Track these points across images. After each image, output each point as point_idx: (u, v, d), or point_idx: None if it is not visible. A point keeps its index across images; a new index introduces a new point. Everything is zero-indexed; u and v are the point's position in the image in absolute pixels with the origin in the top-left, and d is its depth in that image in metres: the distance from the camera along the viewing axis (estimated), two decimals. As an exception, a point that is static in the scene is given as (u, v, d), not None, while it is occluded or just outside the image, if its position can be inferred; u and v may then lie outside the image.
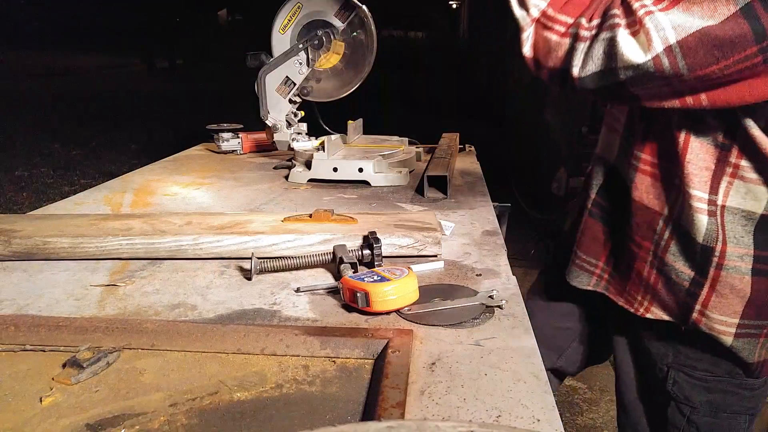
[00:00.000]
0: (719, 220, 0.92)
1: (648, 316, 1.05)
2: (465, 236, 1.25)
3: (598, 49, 0.85)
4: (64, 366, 0.75)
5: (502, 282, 1.02)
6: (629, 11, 0.83)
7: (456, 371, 0.75)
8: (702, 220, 0.93)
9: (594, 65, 0.86)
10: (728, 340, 0.97)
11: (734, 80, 0.80)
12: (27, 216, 1.31)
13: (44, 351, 0.80)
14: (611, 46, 0.83)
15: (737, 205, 0.92)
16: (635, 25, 0.81)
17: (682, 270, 0.98)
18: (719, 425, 1.06)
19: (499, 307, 0.92)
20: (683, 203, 0.95)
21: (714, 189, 0.92)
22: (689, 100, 0.85)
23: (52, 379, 0.74)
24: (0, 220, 1.21)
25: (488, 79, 11.33)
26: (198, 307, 0.94)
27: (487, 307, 0.92)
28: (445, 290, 0.99)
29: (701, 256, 0.95)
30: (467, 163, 1.98)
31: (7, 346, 0.81)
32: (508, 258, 1.15)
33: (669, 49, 0.79)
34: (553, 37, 0.90)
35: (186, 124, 7.96)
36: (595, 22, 0.86)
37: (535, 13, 0.92)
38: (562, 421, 0.67)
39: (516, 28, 0.95)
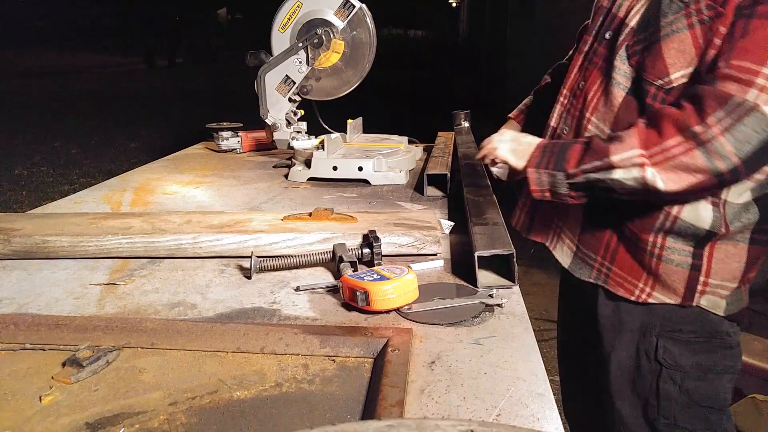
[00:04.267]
0: (722, 211, 1.04)
1: (650, 300, 1.11)
2: (465, 234, 1.25)
3: (747, 128, 0.89)
4: (63, 365, 0.76)
5: (501, 281, 1.02)
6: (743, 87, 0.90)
7: (456, 370, 0.75)
8: (708, 210, 1.04)
9: (750, 144, 0.90)
10: (722, 304, 1.09)
11: None
12: (27, 215, 1.31)
13: (44, 350, 0.80)
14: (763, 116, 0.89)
15: (734, 200, 1.04)
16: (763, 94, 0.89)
17: (683, 248, 1.07)
18: (707, 387, 1.13)
19: (499, 305, 0.92)
20: (684, 201, 1.04)
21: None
22: None
23: (52, 377, 0.74)
24: (0, 219, 1.21)
25: (488, 78, 11.33)
26: (198, 305, 0.94)
27: (486, 305, 0.92)
28: (445, 289, 0.99)
29: (705, 238, 1.05)
30: (467, 161, 1.98)
31: (6, 344, 0.81)
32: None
33: None
34: (682, 158, 0.94)
35: (186, 123, 7.96)
36: (714, 117, 0.91)
37: (638, 159, 0.97)
38: (562, 420, 0.67)
39: (630, 187, 0.99)
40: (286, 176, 1.76)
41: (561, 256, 1.23)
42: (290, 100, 1.90)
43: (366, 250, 1.06)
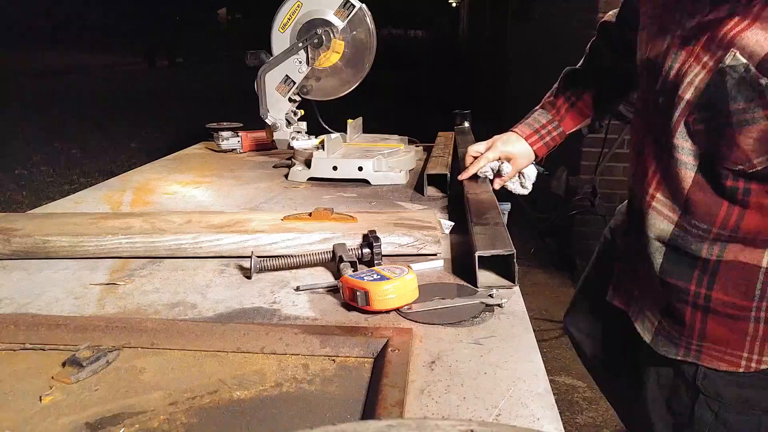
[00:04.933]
0: None
1: (763, 367, 1.02)
2: (465, 234, 1.25)
3: None
4: (63, 365, 0.75)
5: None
6: None
7: (456, 370, 0.75)
8: None
9: None
10: None
11: None
12: (27, 215, 1.31)
13: (44, 350, 0.80)
14: None
15: None
16: None
17: None
18: (749, 422, 1.05)
19: (499, 305, 0.92)
20: None
21: None
22: None
23: (52, 377, 0.74)
24: (0, 219, 1.21)
25: (488, 78, 11.32)
26: (198, 305, 0.94)
27: (486, 305, 0.92)
28: (445, 289, 0.99)
29: None
30: (467, 161, 1.98)
31: (6, 344, 0.81)
32: (508, 257, 1.15)
33: None
34: None
35: (186, 123, 7.97)
36: None
37: None
38: (562, 419, 0.67)
39: None
40: (286, 176, 1.76)
41: (642, 330, 1.14)
42: (290, 100, 1.90)
43: (366, 250, 1.06)
